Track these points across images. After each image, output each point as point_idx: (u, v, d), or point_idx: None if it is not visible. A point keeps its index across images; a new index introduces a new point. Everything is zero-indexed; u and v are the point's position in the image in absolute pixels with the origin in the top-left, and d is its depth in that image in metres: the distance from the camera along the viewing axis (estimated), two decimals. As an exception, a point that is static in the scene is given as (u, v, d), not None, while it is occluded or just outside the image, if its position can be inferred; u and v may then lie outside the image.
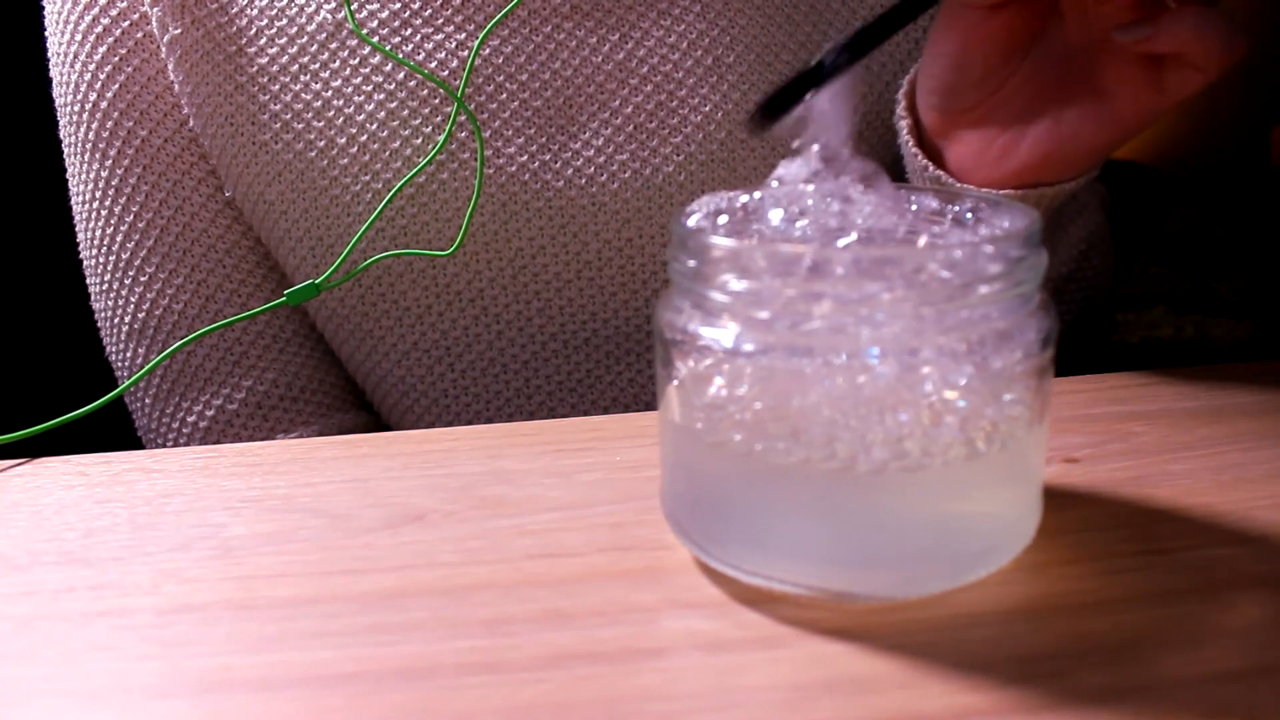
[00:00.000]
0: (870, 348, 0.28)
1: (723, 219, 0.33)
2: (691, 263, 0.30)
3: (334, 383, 0.59)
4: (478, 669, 0.28)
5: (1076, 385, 0.46)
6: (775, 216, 0.32)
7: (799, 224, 0.32)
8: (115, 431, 0.61)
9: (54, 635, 0.31)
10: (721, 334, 0.29)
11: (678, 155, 0.54)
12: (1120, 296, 0.66)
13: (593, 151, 0.54)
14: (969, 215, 0.33)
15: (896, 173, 0.56)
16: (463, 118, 0.53)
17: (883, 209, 0.33)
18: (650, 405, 0.55)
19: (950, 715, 0.26)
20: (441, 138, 0.51)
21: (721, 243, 0.29)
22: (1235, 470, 0.37)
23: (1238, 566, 0.32)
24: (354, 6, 0.55)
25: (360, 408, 0.60)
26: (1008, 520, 0.31)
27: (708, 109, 0.54)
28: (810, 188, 0.32)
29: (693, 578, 0.32)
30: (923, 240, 0.32)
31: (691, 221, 0.33)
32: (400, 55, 0.53)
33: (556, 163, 0.54)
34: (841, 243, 0.31)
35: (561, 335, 0.55)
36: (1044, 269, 0.30)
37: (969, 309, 0.28)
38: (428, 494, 0.38)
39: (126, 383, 0.44)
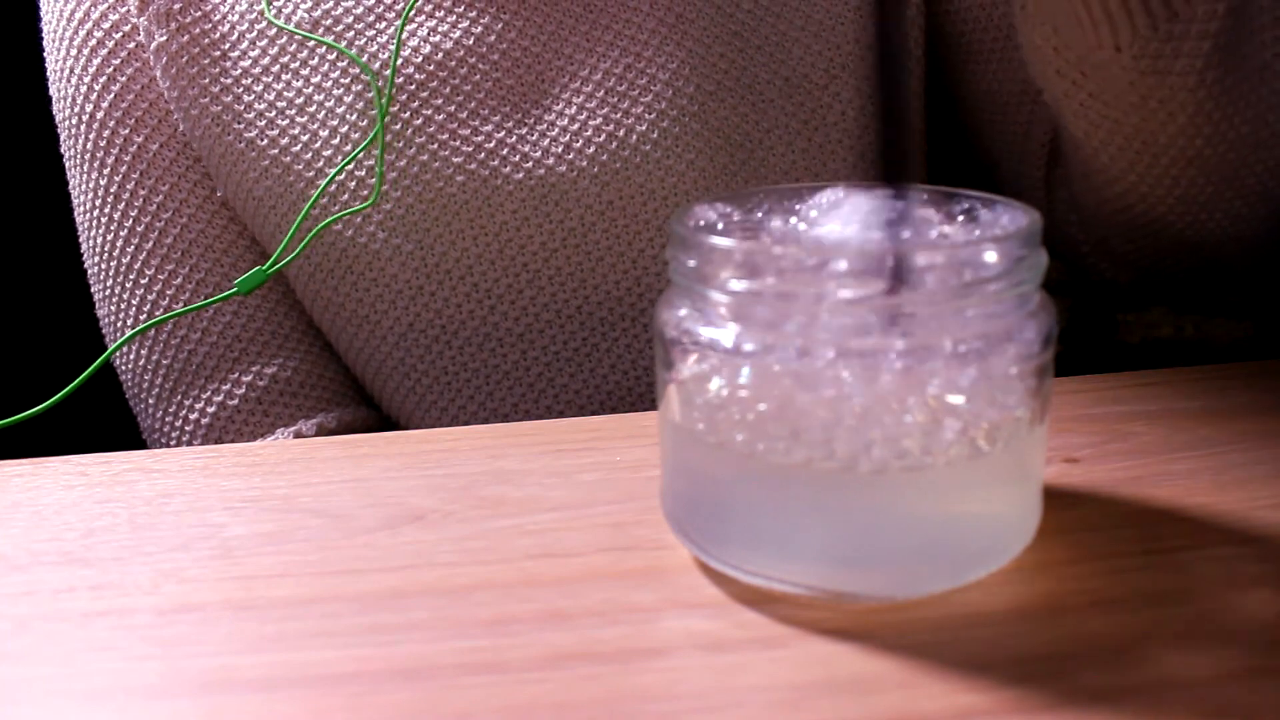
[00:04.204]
0: (871, 347, 0.28)
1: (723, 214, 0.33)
2: (691, 263, 0.30)
3: (333, 377, 0.60)
4: (478, 669, 0.28)
5: (1076, 385, 0.46)
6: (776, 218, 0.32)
7: (800, 225, 0.32)
8: (116, 431, 0.61)
9: (54, 635, 0.31)
10: (721, 334, 0.30)
11: (649, 114, 0.55)
12: (1120, 296, 0.66)
13: (566, 120, 0.55)
14: (969, 215, 0.33)
15: None
16: (438, 101, 0.54)
17: (882, 209, 0.33)
18: (648, 371, 0.56)
19: (950, 715, 0.26)
20: (377, 126, 0.53)
21: (721, 243, 0.30)
22: (1235, 470, 0.37)
23: (1238, 566, 0.32)
24: (329, 4, 0.56)
25: (360, 403, 0.61)
26: (1008, 520, 0.31)
27: (674, 65, 0.55)
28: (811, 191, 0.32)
29: (693, 578, 0.32)
30: (923, 240, 0.32)
31: (691, 222, 0.33)
32: (341, 45, 0.55)
33: (533, 135, 0.55)
34: (842, 243, 0.31)
35: (554, 305, 0.55)
36: (1044, 269, 0.30)
37: (969, 309, 0.28)
38: (428, 494, 0.38)
39: (111, 348, 0.44)
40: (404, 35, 0.55)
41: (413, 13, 0.56)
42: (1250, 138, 0.48)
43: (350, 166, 0.54)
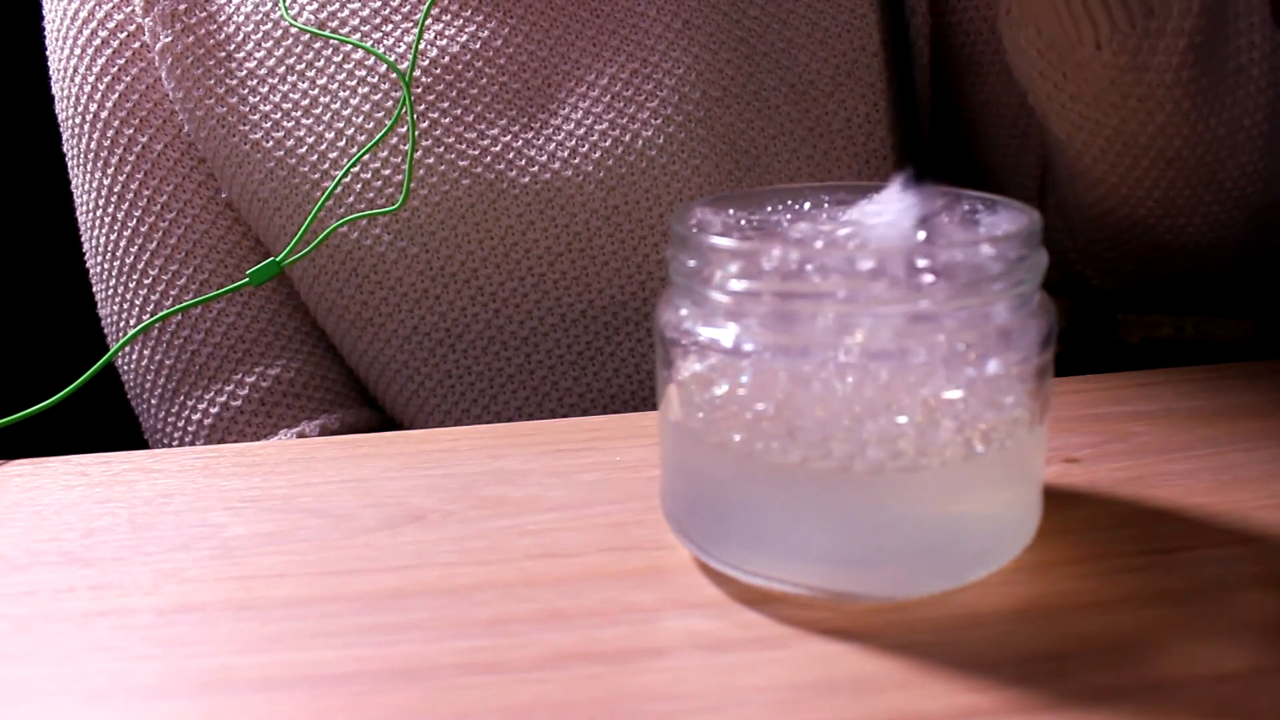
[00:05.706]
0: (870, 348, 0.28)
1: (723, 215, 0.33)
2: (691, 263, 0.30)
3: (336, 378, 0.60)
4: (478, 669, 0.28)
5: (1076, 385, 0.46)
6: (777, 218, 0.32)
7: (800, 225, 0.32)
8: (117, 431, 0.61)
9: (54, 635, 0.31)
10: (721, 334, 0.29)
11: (655, 119, 0.55)
12: (1120, 296, 0.66)
13: (573, 125, 0.55)
14: (968, 215, 0.33)
15: None
16: (444, 104, 0.54)
17: (882, 209, 0.33)
18: (651, 375, 0.56)
19: (950, 715, 0.26)
20: (390, 121, 0.53)
21: (721, 243, 0.30)
22: (1235, 470, 0.37)
23: (1238, 566, 0.32)
24: (335, 6, 0.56)
25: (364, 404, 0.61)
26: (1008, 520, 0.31)
27: (681, 71, 0.55)
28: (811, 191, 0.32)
29: (693, 578, 0.32)
30: (923, 240, 0.32)
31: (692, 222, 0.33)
32: (370, 44, 0.55)
33: (539, 139, 0.55)
34: (842, 243, 0.31)
35: (558, 309, 0.55)
36: (1044, 269, 0.30)
37: (969, 309, 0.28)
38: (428, 494, 0.38)
39: (115, 347, 0.44)
40: (410, 40, 0.55)
41: (419, 16, 0.56)
42: (1227, 139, 0.48)
43: (356, 169, 0.54)
